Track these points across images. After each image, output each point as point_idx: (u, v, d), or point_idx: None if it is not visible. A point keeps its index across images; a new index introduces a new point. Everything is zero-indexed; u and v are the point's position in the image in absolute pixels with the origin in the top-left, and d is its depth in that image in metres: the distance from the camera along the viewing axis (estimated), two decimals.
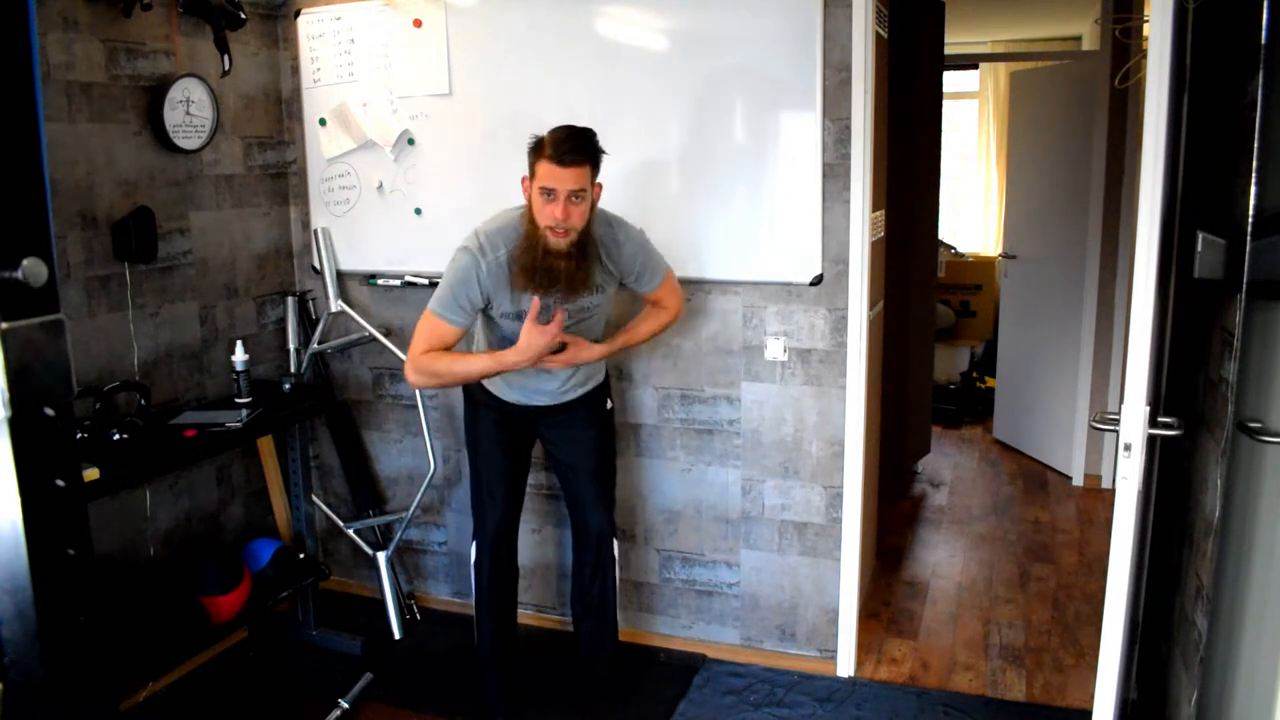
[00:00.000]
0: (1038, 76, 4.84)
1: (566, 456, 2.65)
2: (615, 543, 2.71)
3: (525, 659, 2.89)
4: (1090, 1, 4.56)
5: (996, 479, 4.61)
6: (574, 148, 2.21)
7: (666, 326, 2.61)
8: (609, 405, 2.69)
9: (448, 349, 2.36)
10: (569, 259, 2.27)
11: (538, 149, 2.25)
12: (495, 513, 2.62)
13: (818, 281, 2.71)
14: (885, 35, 2.92)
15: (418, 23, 2.93)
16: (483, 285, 2.31)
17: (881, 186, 3.01)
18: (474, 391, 2.60)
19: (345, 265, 3.21)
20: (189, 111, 2.80)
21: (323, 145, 3.14)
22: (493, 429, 2.59)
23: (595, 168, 2.27)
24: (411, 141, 3.03)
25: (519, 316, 2.34)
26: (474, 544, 2.68)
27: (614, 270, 2.43)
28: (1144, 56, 1.82)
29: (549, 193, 2.22)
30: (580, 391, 2.59)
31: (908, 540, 3.90)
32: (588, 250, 2.32)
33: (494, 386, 2.55)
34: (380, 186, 3.09)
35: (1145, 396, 1.72)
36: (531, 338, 2.28)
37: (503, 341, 2.42)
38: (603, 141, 2.28)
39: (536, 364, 2.35)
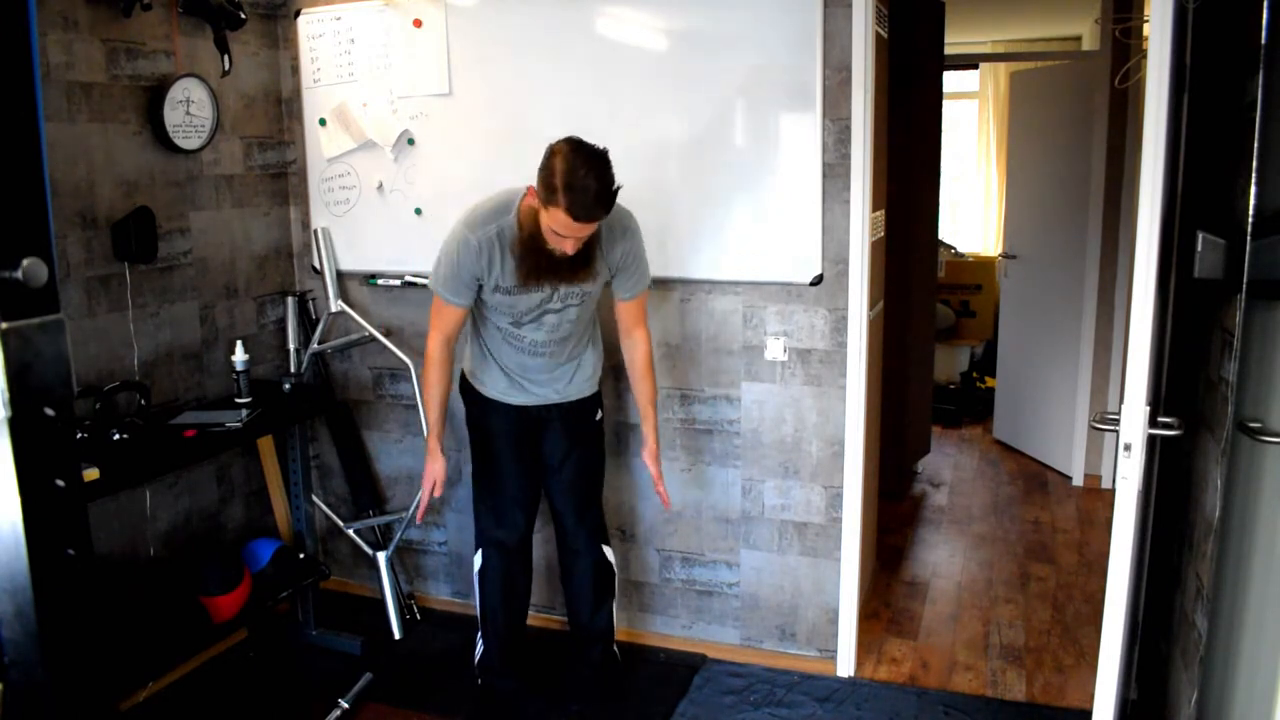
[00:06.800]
0: (1038, 77, 4.84)
1: (553, 465, 2.61)
2: (607, 549, 2.70)
3: (525, 659, 2.88)
4: (1090, 1, 4.55)
5: (996, 479, 4.61)
6: (595, 210, 2.15)
7: (652, 368, 2.59)
8: (598, 416, 2.68)
9: (451, 337, 2.49)
10: (572, 259, 2.29)
11: (552, 192, 2.12)
12: (515, 523, 2.60)
13: (818, 281, 2.71)
14: (885, 35, 2.92)
15: (418, 23, 2.93)
16: (475, 263, 2.33)
17: (881, 186, 3.01)
18: (481, 396, 2.56)
19: (345, 265, 3.21)
20: (189, 111, 2.80)
21: (323, 145, 3.14)
22: (509, 431, 2.55)
23: None
24: (411, 141, 3.03)
25: (509, 291, 2.36)
26: (482, 553, 2.63)
27: (608, 256, 2.41)
28: (1144, 56, 1.82)
29: (560, 233, 2.20)
30: (584, 392, 2.59)
31: (908, 540, 3.90)
32: (590, 242, 2.32)
33: (499, 390, 2.53)
34: (380, 186, 3.09)
35: (1145, 396, 1.72)
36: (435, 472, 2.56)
37: (492, 314, 2.43)
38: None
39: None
